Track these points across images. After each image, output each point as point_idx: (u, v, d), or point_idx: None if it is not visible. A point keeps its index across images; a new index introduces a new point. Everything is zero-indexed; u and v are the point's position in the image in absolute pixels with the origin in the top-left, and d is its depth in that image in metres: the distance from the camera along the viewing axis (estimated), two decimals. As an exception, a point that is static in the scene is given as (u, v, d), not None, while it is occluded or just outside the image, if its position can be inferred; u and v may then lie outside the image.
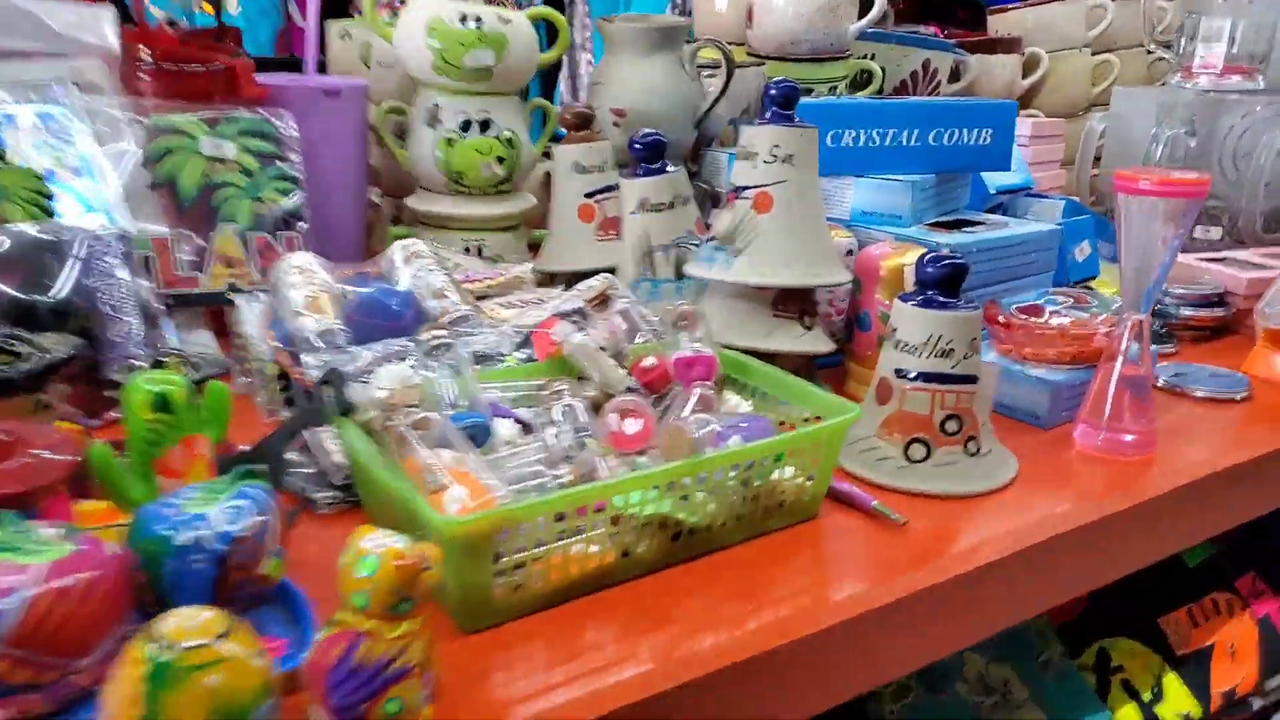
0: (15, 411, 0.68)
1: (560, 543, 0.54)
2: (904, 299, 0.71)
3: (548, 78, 1.80)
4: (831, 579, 0.61)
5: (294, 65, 1.24)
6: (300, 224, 0.99)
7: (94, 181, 0.91)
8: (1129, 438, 0.78)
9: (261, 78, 1.05)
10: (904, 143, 1.00)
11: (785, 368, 0.76)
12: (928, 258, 0.70)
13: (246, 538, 0.49)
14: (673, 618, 0.54)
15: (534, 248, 1.19)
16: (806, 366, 0.86)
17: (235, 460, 0.63)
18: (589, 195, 1.05)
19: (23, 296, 0.77)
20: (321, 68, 1.25)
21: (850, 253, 0.93)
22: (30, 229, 0.81)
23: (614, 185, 1.02)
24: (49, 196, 0.88)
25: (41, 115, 0.92)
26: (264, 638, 0.43)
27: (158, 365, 0.67)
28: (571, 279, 1.05)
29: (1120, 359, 0.79)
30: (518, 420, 0.66)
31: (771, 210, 0.81)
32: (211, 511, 0.49)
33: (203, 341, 0.94)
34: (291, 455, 0.65)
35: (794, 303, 0.84)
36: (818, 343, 0.84)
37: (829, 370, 0.91)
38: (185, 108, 0.98)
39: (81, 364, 0.79)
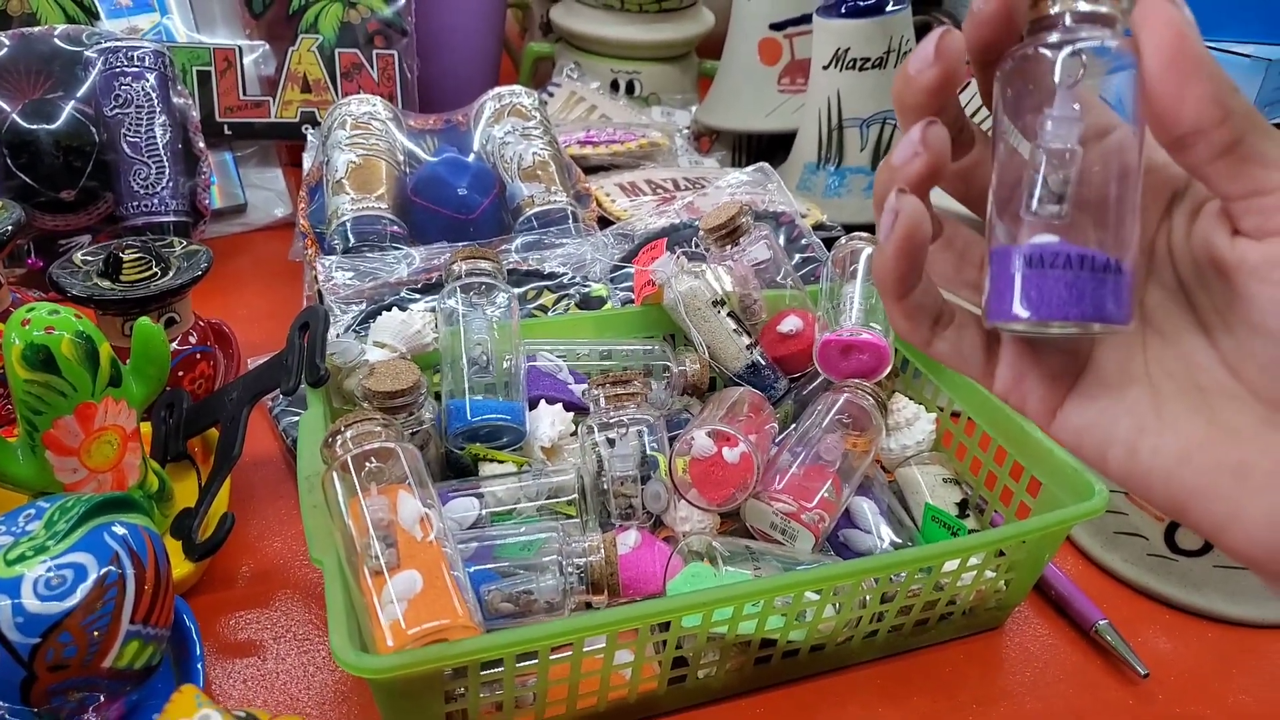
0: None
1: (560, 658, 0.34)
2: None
3: None
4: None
5: None
6: (402, 38, 0.78)
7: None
8: None
9: None
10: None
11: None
12: None
13: (74, 624, 0.32)
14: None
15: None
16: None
17: (164, 430, 0.46)
18: (776, 27, 0.77)
19: (22, 123, 0.62)
20: None
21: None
22: (44, 33, 0.64)
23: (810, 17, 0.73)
24: (95, -12, 0.71)
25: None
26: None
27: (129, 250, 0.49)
28: (739, 143, 0.80)
29: None
30: (571, 405, 0.45)
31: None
32: (28, 574, 0.32)
33: (274, 186, 0.77)
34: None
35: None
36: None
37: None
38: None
39: (96, 216, 0.64)
